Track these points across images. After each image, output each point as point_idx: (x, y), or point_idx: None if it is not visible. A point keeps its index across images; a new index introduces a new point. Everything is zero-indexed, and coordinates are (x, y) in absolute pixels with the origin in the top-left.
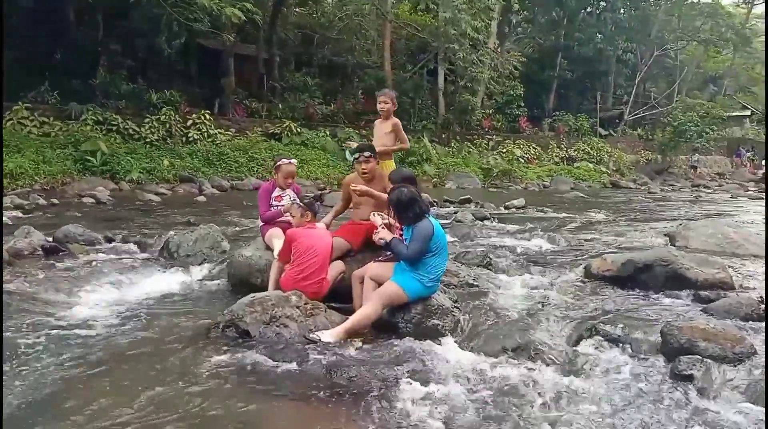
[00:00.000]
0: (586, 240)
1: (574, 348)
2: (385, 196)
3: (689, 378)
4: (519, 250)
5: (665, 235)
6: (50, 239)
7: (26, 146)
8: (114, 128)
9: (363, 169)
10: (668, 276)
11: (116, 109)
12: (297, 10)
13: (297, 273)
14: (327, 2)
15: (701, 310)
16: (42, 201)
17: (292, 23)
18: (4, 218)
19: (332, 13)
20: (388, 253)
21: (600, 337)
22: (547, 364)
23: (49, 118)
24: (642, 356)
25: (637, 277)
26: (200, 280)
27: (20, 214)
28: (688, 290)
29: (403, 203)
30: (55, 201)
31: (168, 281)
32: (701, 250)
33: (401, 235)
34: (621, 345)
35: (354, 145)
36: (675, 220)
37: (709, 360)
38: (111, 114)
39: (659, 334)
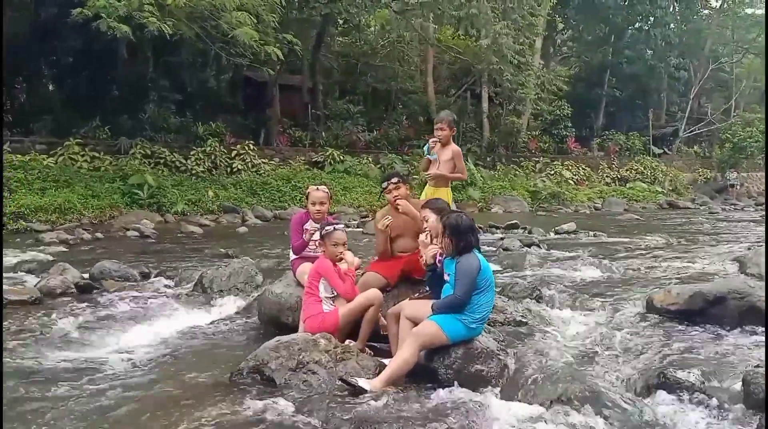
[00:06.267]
0: (645, 268)
1: (639, 398)
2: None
3: None
4: (571, 280)
5: (734, 260)
6: (85, 276)
7: (76, 181)
8: (161, 161)
9: (395, 196)
10: (744, 310)
11: (164, 143)
12: (340, 39)
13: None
14: (370, 30)
15: None
16: (87, 235)
17: (335, 52)
18: (46, 255)
19: (375, 41)
20: (428, 289)
21: (670, 385)
22: (609, 419)
23: (99, 153)
24: (721, 409)
25: (707, 311)
26: (231, 317)
27: (64, 250)
28: None
29: (462, 229)
30: (99, 235)
31: (198, 318)
32: None
33: (440, 263)
34: (695, 394)
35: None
36: (742, 243)
37: None
38: (159, 147)
39: (741, 382)
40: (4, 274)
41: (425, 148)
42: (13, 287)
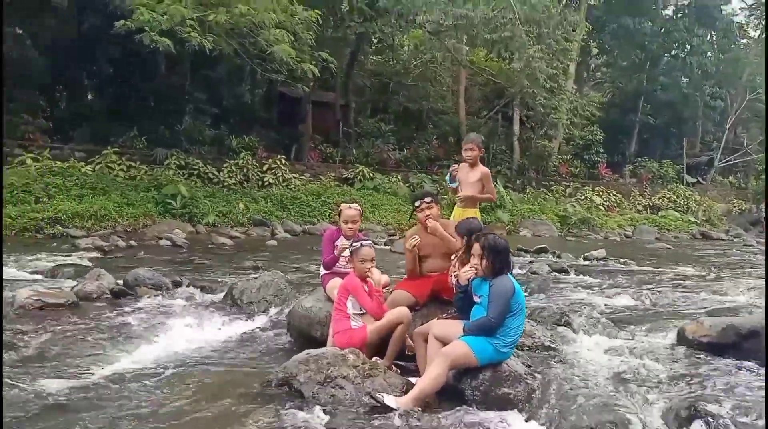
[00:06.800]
0: (676, 298)
1: None
2: (457, 242)
3: None
4: (601, 307)
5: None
6: (120, 282)
7: (112, 189)
8: (195, 173)
9: (425, 216)
10: None
11: (198, 154)
12: (373, 58)
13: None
14: (403, 50)
15: None
16: (121, 243)
17: (368, 71)
18: (84, 260)
19: (408, 61)
20: (455, 310)
21: (701, 418)
22: None
23: (135, 162)
24: None
25: (740, 344)
26: (261, 329)
27: (99, 256)
28: None
29: (499, 250)
30: (133, 243)
31: (228, 329)
32: None
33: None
34: None
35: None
36: None
37: None
38: (193, 159)
39: None
40: (42, 277)
41: (447, 177)
42: (51, 290)
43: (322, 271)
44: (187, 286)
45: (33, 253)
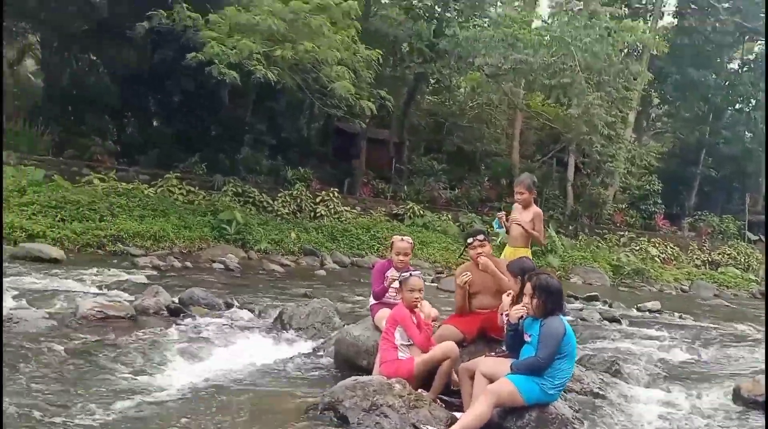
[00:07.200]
0: (732, 355)
1: None
2: (508, 280)
3: None
4: (653, 359)
5: None
6: (175, 300)
7: (172, 211)
8: (250, 200)
9: (478, 253)
10: None
11: (254, 183)
12: (430, 97)
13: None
14: (460, 92)
15: None
16: (177, 263)
17: (424, 110)
18: (141, 277)
19: (464, 102)
20: (504, 349)
21: None
22: None
23: (195, 187)
24: None
25: None
26: (308, 354)
27: (155, 274)
28: None
29: (551, 290)
30: (188, 264)
31: (277, 352)
32: None
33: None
34: None
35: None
36: None
37: None
38: (249, 187)
39: None
40: (103, 291)
41: (494, 223)
42: (112, 303)
43: (372, 301)
44: (239, 308)
45: (94, 268)
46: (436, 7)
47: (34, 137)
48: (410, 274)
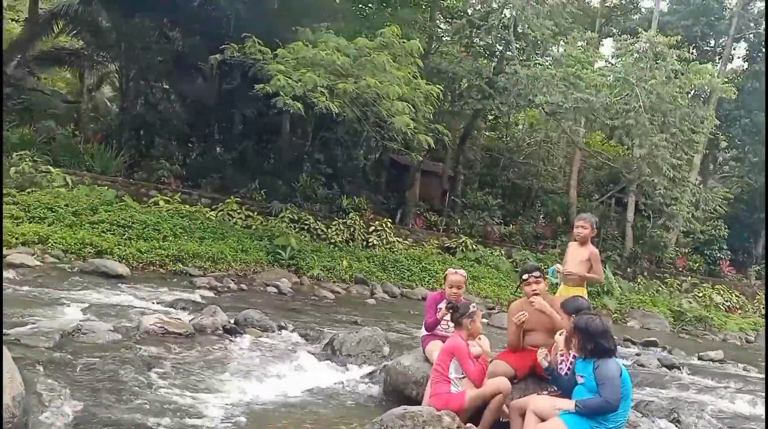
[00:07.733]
0: None
1: None
2: (562, 319)
3: None
4: (715, 410)
5: None
6: (231, 320)
7: (230, 235)
8: (305, 227)
9: (533, 290)
10: None
11: (310, 210)
12: (487, 133)
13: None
14: (517, 128)
15: None
16: (233, 285)
17: (480, 145)
18: (199, 297)
19: (521, 139)
20: (556, 389)
21: None
22: None
23: (253, 213)
24: None
25: None
26: (357, 381)
27: (212, 295)
28: None
29: (591, 331)
30: (243, 286)
31: (326, 378)
32: None
33: (571, 364)
34: None
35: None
36: None
37: None
38: (305, 214)
39: None
40: (165, 308)
41: (550, 270)
42: (172, 320)
43: (423, 332)
44: (291, 332)
45: (155, 286)
46: (498, 45)
47: (108, 159)
48: (472, 306)
